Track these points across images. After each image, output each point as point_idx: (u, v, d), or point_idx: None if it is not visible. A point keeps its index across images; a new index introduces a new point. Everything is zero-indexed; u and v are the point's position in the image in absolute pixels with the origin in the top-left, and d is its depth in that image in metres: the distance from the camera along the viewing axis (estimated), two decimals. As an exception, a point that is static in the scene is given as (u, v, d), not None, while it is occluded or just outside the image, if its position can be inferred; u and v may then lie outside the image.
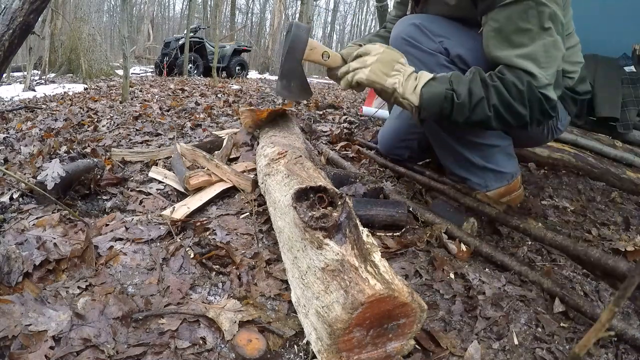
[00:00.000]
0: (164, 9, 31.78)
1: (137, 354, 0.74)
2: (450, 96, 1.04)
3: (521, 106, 1.03)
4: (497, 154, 1.33)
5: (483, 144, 1.30)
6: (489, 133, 1.30)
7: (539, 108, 1.05)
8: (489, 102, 1.04)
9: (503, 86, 1.02)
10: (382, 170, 1.74)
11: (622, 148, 1.99)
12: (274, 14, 19.23)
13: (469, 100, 1.04)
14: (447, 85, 1.04)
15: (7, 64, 1.16)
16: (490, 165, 1.33)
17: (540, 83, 1.02)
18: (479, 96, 1.03)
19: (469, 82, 1.04)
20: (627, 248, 1.21)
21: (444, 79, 1.06)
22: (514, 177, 1.36)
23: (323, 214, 0.75)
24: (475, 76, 1.05)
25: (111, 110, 3.12)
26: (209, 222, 1.20)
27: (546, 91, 1.03)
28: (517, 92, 1.02)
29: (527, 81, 1.01)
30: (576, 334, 0.87)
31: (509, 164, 1.35)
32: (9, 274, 0.88)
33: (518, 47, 1.02)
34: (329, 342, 0.66)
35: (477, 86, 1.04)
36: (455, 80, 1.05)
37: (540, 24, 1.00)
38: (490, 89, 1.03)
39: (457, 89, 1.04)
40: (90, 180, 1.41)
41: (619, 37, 2.36)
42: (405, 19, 1.26)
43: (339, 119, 2.80)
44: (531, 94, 1.02)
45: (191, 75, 9.64)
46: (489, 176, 1.34)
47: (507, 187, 1.36)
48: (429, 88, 1.05)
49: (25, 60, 6.67)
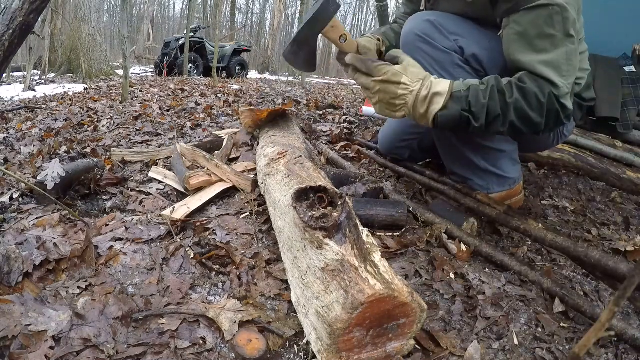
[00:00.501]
0: (164, 9, 31.78)
1: (137, 354, 0.74)
2: (466, 119, 1.01)
3: (538, 117, 1.01)
4: (502, 158, 1.32)
5: (489, 147, 1.29)
6: (497, 138, 1.30)
7: (555, 118, 1.03)
8: (506, 118, 1.01)
9: (523, 98, 0.99)
10: (382, 170, 1.74)
11: (622, 148, 1.99)
12: (274, 14, 19.23)
13: (485, 119, 1.01)
14: (464, 106, 1.00)
15: (7, 64, 1.16)
16: (494, 169, 1.32)
17: (561, 93, 0.99)
18: (496, 113, 1.00)
19: (488, 99, 1.00)
20: (627, 248, 1.21)
21: (461, 98, 1.00)
22: (517, 182, 1.36)
23: (323, 214, 0.75)
24: (493, 91, 1.00)
25: (111, 110, 3.12)
26: (209, 222, 1.20)
27: (565, 101, 1.01)
28: (538, 103, 0.99)
29: (549, 92, 0.99)
30: (576, 334, 0.87)
31: (513, 169, 1.34)
32: (9, 274, 0.88)
33: (541, 52, 0.99)
34: (329, 342, 0.66)
35: (495, 102, 1.00)
36: (473, 100, 1.00)
37: (565, 31, 0.98)
38: (510, 105, 1.00)
39: (474, 111, 1.00)
40: (90, 180, 1.41)
41: (619, 37, 2.36)
42: (419, 15, 1.23)
43: (339, 119, 2.80)
44: (551, 105, 1.00)
45: (191, 75, 9.64)
46: (492, 179, 1.34)
47: (509, 192, 1.35)
48: (445, 112, 1.01)
49: (25, 60, 6.67)
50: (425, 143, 1.63)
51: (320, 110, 3.16)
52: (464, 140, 1.29)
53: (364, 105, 3.04)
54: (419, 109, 1.03)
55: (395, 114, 1.07)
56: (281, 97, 4.39)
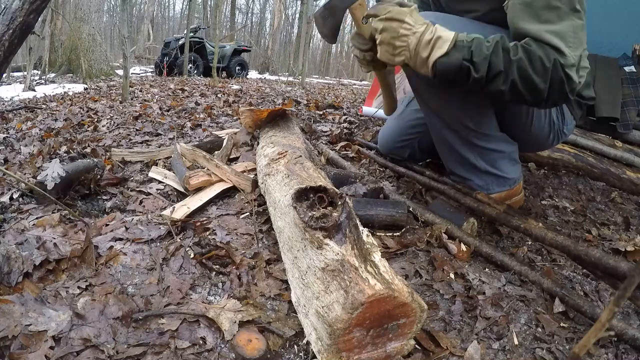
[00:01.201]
0: (164, 9, 31.77)
1: (137, 354, 0.74)
2: (466, 69, 0.98)
3: (542, 82, 0.98)
4: (501, 159, 1.32)
5: (488, 148, 1.29)
6: (496, 138, 1.29)
7: (559, 88, 1.00)
8: (508, 77, 0.98)
9: (528, 59, 0.97)
10: (382, 170, 1.74)
11: (622, 148, 1.99)
12: (274, 14, 19.24)
13: (486, 74, 0.98)
14: (465, 55, 0.98)
15: (7, 64, 1.16)
16: (493, 170, 1.32)
17: (567, 62, 0.97)
18: (498, 69, 0.98)
19: (491, 53, 0.97)
20: (627, 248, 1.21)
21: (464, 47, 0.98)
22: (516, 182, 1.36)
23: (323, 214, 0.75)
24: (497, 46, 0.98)
25: (111, 110, 3.12)
26: (209, 222, 1.20)
27: (570, 72, 0.98)
28: (542, 68, 0.97)
29: (555, 59, 0.96)
30: (576, 334, 0.87)
31: (513, 169, 1.34)
32: (9, 274, 0.88)
33: (547, 23, 0.98)
34: (329, 342, 0.66)
35: (498, 58, 0.97)
36: (476, 51, 0.97)
37: (571, 5, 0.98)
38: (513, 63, 0.97)
39: (476, 62, 0.98)
40: (90, 180, 1.41)
41: (619, 37, 2.36)
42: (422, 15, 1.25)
43: (339, 119, 2.80)
44: (555, 73, 0.97)
45: (191, 75, 9.64)
46: (491, 180, 1.34)
47: (509, 192, 1.35)
48: (446, 59, 0.98)
49: (25, 60, 6.67)
50: (425, 143, 1.63)
51: (320, 110, 3.16)
52: (463, 141, 1.29)
53: (364, 105, 3.05)
54: (422, 52, 1.01)
55: (395, 58, 1.05)
56: (281, 97, 4.39)
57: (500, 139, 1.30)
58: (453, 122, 1.27)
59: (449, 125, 1.29)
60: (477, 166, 1.32)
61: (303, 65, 8.80)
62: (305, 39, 9.61)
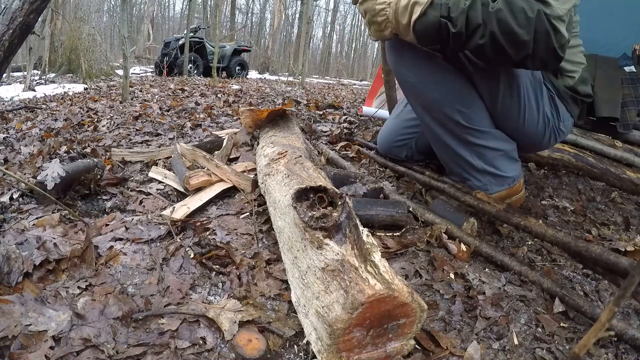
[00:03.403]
0: (164, 9, 31.76)
1: (137, 354, 0.74)
2: (445, 25, 0.96)
3: (525, 34, 0.92)
4: (499, 157, 1.30)
5: (484, 146, 1.28)
6: (491, 135, 1.28)
7: (546, 42, 0.94)
8: (487, 28, 0.94)
9: (508, 10, 0.92)
10: (382, 170, 1.74)
11: (622, 148, 1.99)
12: (274, 14, 19.24)
13: (465, 28, 0.95)
14: (442, 12, 0.96)
15: (7, 64, 1.16)
16: (490, 169, 1.31)
17: (553, 12, 0.91)
18: (476, 23, 0.94)
19: (469, 7, 0.94)
20: (627, 248, 1.21)
21: (441, 5, 0.96)
22: (516, 180, 1.34)
23: (323, 214, 0.75)
24: (475, 0, 0.95)
25: (111, 110, 3.12)
26: (209, 222, 1.20)
27: (558, 24, 0.92)
28: (525, 19, 0.92)
29: (539, 10, 0.91)
30: (576, 334, 0.87)
31: (511, 167, 1.33)
32: (9, 274, 0.88)
33: None
34: (329, 342, 0.66)
35: (476, 11, 0.94)
36: (453, 6, 0.95)
37: None
38: (492, 14, 0.93)
39: (453, 17, 0.95)
40: (90, 180, 1.41)
41: (619, 37, 2.36)
42: None
43: (339, 119, 2.80)
44: (540, 24, 0.91)
45: (191, 75, 9.64)
46: (489, 179, 1.33)
47: (509, 191, 1.34)
48: (423, 19, 0.97)
49: (25, 60, 6.67)
50: (422, 143, 1.63)
51: (320, 110, 3.16)
52: (458, 140, 1.29)
53: (364, 105, 3.05)
54: (401, 19, 1.01)
55: (383, 33, 1.07)
56: (281, 97, 4.39)
57: (496, 136, 1.29)
58: (442, 118, 1.26)
59: (439, 122, 1.28)
60: (474, 165, 1.31)
61: (303, 65, 8.80)
62: (305, 39, 9.61)
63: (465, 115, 1.24)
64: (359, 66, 30.63)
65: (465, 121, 1.24)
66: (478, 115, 1.26)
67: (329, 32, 30.45)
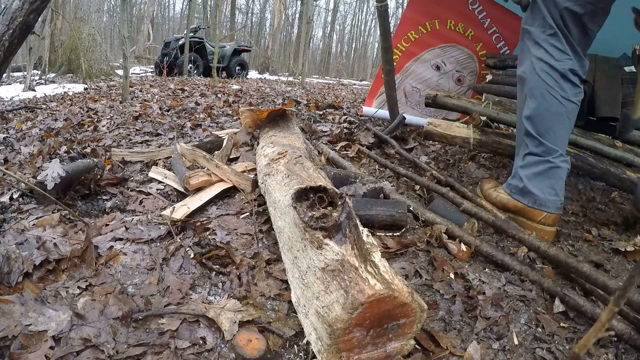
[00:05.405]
0: (164, 9, 31.75)
1: (137, 354, 0.74)
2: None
3: None
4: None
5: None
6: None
7: None
8: None
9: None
10: (382, 170, 1.74)
11: (622, 148, 1.99)
12: (274, 14, 19.23)
13: None
14: None
15: (7, 64, 1.16)
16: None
17: None
18: None
19: None
20: (627, 248, 1.21)
21: None
22: (542, 206, 1.27)
23: (323, 214, 0.75)
24: None
25: (111, 110, 3.12)
26: (209, 222, 1.20)
27: None
28: None
29: None
30: (576, 334, 0.87)
31: (547, 190, 1.28)
32: (9, 274, 0.88)
33: None
34: (329, 342, 0.66)
35: None
36: None
37: None
38: None
39: None
40: (90, 180, 1.41)
41: (619, 37, 2.36)
42: None
43: (339, 119, 2.80)
44: None
45: (191, 75, 9.63)
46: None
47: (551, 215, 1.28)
48: None
49: (25, 60, 6.66)
50: None
51: (320, 110, 3.16)
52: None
53: (364, 105, 3.04)
54: None
55: None
56: (281, 97, 4.39)
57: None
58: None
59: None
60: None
61: (303, 65, 8.80)
62: (305, 39, 9.61)
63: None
64: (359, 66, 30.61)
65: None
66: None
67: (329, 32, 30.43)
